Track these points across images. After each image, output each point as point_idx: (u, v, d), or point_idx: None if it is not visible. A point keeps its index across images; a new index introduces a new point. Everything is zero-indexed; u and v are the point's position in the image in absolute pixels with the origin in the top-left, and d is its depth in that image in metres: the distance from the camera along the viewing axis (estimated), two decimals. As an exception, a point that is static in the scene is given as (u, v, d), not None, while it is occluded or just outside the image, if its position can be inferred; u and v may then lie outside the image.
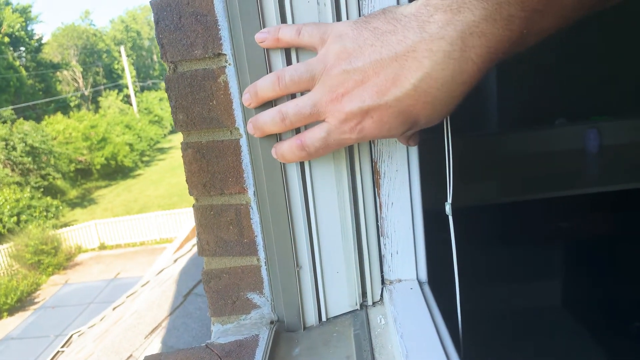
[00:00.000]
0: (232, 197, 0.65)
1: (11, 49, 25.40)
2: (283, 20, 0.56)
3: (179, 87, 0.61)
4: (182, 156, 0.64)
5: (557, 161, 1.92)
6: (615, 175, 1.74)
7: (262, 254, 0.66)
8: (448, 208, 0.56)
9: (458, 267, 0.59)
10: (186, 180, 0.65)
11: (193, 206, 0.66)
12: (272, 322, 0.67)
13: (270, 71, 0.57)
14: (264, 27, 0.56)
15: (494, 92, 2.29)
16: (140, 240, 13.28)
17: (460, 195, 0.58)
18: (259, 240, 0.65)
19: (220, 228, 0.66)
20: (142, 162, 23.10)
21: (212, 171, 0.64)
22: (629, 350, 1.82)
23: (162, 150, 26.17)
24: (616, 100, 2.21)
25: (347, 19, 0.56)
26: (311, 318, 0.67)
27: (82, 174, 20.04)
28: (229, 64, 0.59)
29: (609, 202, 1.84)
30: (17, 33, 26.04)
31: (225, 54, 0.59)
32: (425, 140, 0.63)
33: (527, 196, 1.69)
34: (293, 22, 0.56)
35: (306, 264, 0.65)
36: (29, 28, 27.61)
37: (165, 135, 28.58)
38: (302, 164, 0.61)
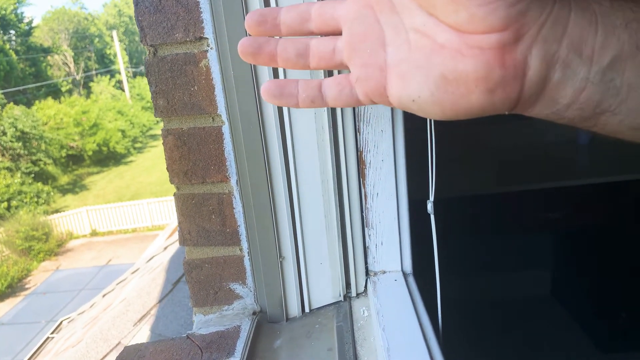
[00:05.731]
0: (215, 186, 0.63)
1: (1, 32, 25.00)
2: (266, 3, 0.54)
3: (159, 71, 0.59)
4: (163, 143, 0.62)
5: (548, 152, 1.92)
6: (606, 166, 1.74)
7: (244, 244, 0.64)
8: (430, 207, 0.54)
9: (443, 260, 0.58)
10: (167, 168, 0.63)
11: (174, 195, 0.64)
12: (254, 313, 0.66)
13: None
14: (246, 10, 0.54)
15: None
16: (132, 227, 13.22)
17: (448, 185, 0.57)
18: (242, 230, 0.64)
19: (202, 217, 0.64)
20: (135, 148, 22.90)
21: (194, 159, 0.62)
22: (615, 340, 1.83)
23: (154, 137, 25.93)
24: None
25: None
26: (294, 309, 0.66)
27: (74, 159, 19.86)
28: (211, 48, 0.57)
29: (599, 193, 1.84)
30: (7, 16, 25.60)
31: (207, 38, 0.57)
32: (411, 130, 0.61)
33: (516, 187, 1.68)
34: (277, 4, 0.54)
35: (289, 255, 0.64)
36: (18, 11, 27.13)
37: (158, 121, 28.27)
38: (285, 152, 0.60)
